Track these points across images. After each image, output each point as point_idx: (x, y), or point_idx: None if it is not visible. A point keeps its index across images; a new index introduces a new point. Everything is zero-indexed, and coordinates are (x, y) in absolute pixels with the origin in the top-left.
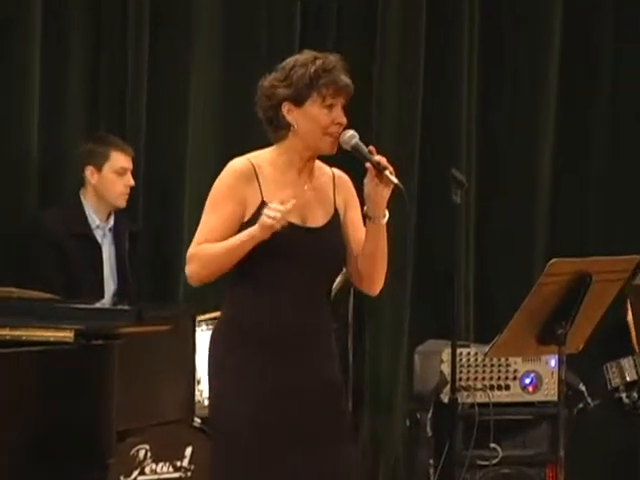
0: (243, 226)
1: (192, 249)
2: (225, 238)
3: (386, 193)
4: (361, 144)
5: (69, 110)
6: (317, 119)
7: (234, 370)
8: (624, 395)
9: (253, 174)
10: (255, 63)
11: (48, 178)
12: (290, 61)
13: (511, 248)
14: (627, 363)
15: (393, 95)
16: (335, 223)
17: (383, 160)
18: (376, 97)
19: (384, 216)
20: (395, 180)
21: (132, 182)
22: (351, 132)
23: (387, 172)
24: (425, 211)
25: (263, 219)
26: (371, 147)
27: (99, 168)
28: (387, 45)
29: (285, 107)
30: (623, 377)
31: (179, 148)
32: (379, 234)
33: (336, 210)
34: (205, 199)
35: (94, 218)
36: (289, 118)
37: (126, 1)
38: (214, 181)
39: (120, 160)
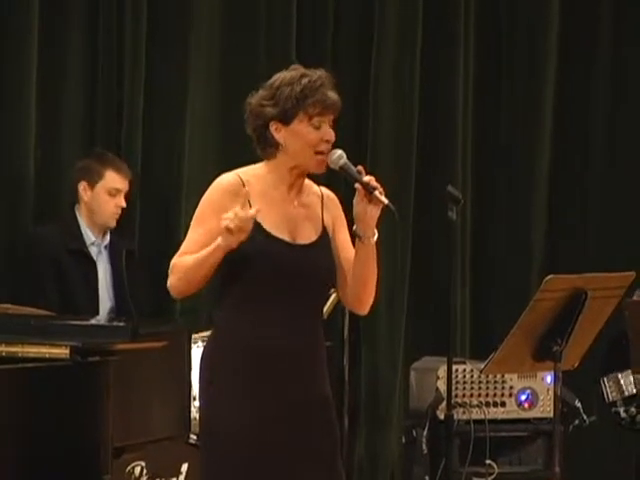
0: None
1: (173, 260)
2: None
3: (375, 213)
4: (349, 164)
5: (65, 128)
6: (305, 138)
7: (222, 388)
8: (622, 410)
9: (241, 189)
10: (253, 74)
11: (44, 195)
12: (277, 79)
13: (507, 264)
14: (625, 377)
15: (389, 111)
16: (324, 241)
17: (372, 180)
18: (372, 113)
19: (373, 235)
20: (385, 200)
21: (123, 204)
22: (339, 152)
23: (377, 192)
24: (421, 227)
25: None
26: (360, 167)
27: (92, 185)
28: (383, 57)
29: (273, 126)
30: (621, 391)
31: (176, 165)
32: (368, 254)
33: (324, 228)
34: None
35: (89, 234)
36: (277, 137)
37: (123, 16)
38: None
39: (114, 181)
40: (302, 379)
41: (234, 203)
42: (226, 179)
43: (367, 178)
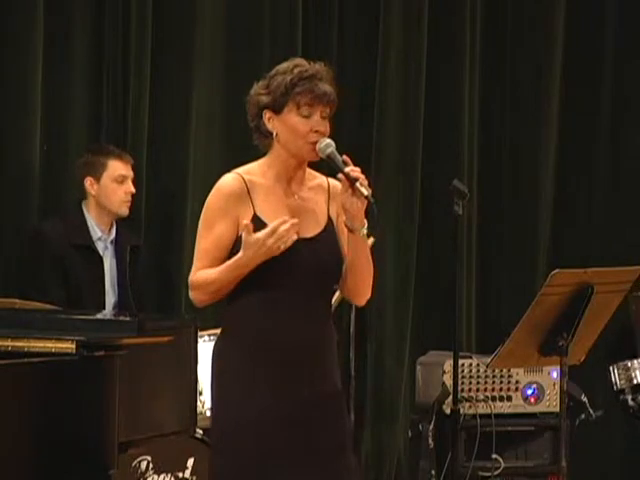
0: (237, 240)
1: (191, 276)
2: (220, 259)
3: (361, 204)
4: (336, 154)
5: (71, 124)
6: (294, 127)
7: (233, 385)
8: (629, 398)
9: (244, 190)
10: (257, 70)
11: (49, 191)
12: (274, 69)
13: (513, 259)
14: (634, 365)
15: (395, 106)
16: (329, 232)
17: (355, 171)
18: (378, 108)
19: (362, 226)
20: (365, 192)
21: (132, 189)
22: (327, 141)
23: (357, 183)
24: (427, 222)
25: (266, 242)
26: (345, 157)
27: (98, 178)
28: (388, 55)
29: (266, 115)
30: (630, 379)
31: (181, 162)
32: (359, 245)
33: (329, 219)
34: None
35: (96, 230)
36: (269, 126)
37: (129, 15)
38: None
39: (118, 168)
40: (310, 374)
41: (239, 205)
42: (227, 183)
43: (349, 168)
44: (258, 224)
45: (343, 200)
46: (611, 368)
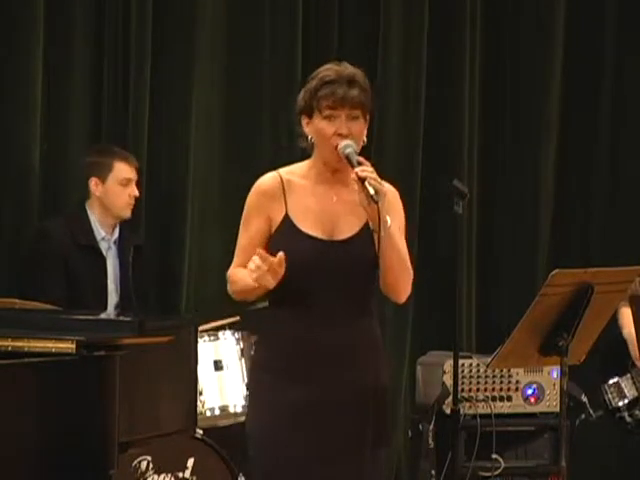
0: (270, 239)
1: (230, 270)
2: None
3: (374, 203)
4: (353, 154)
5: (71, 122)
6: (321, 131)
7: (258, 383)
8: (626, 414)
9: (279, 189)
10: (258, 75)
11: (50, 190)
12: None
13: (513, 259)
14: (625, 382)
15: (395, 106)
16: (365, 234)
17: (365, 170)
18: (379, 108)
19: (385, 224)
20: (371, 191)
21: (136, 192)
22: (347, 142)
23: (365, 182)
24: (427, 222)
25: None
26: (360, 158)
27: (103, 180)
28: (389, 55)
29: (303, 120)
30: (623, 396)
31: (181, 161)
32: (385, 244)
33: (368, 222)
34: (208, 211)
35: (100, 230)
36: (306, 130)
37: (129, 15)
38: (217, 193)
39: (124, 171)
40: (340, 379)
41: (272, 204)
42: (264, 181)
43: (359, 168)
44: (288, 224)
45: (360, 200)
46: (602, 389)
